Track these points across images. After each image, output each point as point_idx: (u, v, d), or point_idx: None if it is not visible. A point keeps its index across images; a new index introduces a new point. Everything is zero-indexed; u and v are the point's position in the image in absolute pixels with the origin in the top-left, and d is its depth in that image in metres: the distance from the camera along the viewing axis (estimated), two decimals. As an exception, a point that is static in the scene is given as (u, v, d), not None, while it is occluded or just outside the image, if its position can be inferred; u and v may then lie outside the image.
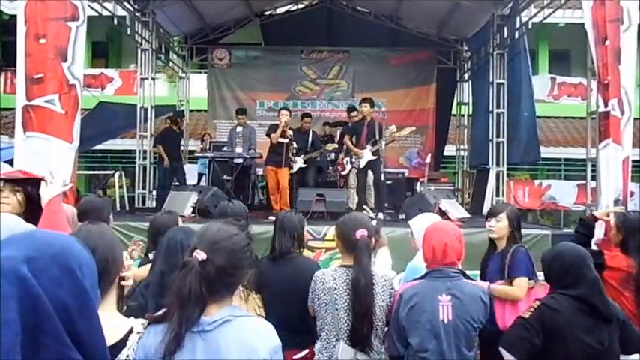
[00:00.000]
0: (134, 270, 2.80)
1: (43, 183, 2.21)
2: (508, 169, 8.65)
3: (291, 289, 2.57)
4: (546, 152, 12.55)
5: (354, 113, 7.70)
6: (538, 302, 2.18)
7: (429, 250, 2.26)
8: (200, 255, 1.32)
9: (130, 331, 1.36)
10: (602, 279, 2.85)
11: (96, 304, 0.85)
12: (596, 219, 3.27)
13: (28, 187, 2.23)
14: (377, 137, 6.52)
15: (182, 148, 9.31)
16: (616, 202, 4.57)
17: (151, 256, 2.58)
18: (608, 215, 3.31)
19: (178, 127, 8.85)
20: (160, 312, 1.36)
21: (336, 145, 8.01)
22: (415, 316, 2.14)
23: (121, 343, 1.33)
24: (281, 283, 2.61)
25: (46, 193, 2.18)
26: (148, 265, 2.57)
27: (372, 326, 2.24)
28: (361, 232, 2.30)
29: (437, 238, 2.25)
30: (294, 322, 2.50)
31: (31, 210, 2.18)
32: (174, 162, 8.43)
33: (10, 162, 4.56)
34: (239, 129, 7.77)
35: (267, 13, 10.48)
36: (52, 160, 4.15)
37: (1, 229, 1.40)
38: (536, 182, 11.77)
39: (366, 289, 2.24)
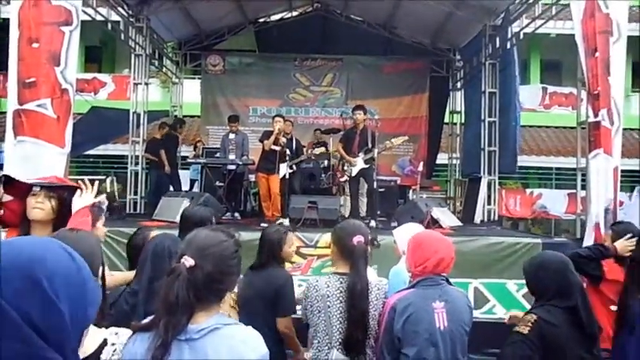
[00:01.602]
0: (116, 275, 2.80)
1: (78, 192, 2.21)
2: (499, 178, 8.71)
3: (257, 297, 2.68)
4: (537, 161, 12.68)
5: (351, 118, 7.72)
6: (534, 316, 2.14)
7: (421, 261, 2.23)
8: (188, 261, 1.31)
9: (104, 343, 1.34)
10: (599, 291, 2.86)
11: (64, 315, 0.79)
12: (617, 252, 3.02)
13: (64, 193, 2.23)
14: (369, 145, 6.54)
15: (178, 154, 9.28)
16: (606, 211, 4.61)
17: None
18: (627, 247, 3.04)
19: (179, 134, 8.84)
20: (146, 320, 1.34)
21: (323, 149, 8.01)
22: (412, 326, 2.12)
23: (94, 356, 1.30)
24: (251, 292, 2.72)
25: (79, 202, 2.18)
26: (129, 273, 2.56)
27: (366, 333, 2.24)
28: (358, 239, 2.31)
29: (432, 251, 2.22)
30: (260, 330, 2.54)
31: (63, 216, 2.18)
32: (171, 168, 8.44)
33: (0, 166, 4.53)
34: (232, 135, 7.76)
35: (262, 20, 10.52)
36: (42, 164, 4.13)
37: None
38: (528, 191, 11.85)
39: (362, 295, 2.23)
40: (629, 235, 2.97)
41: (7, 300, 0.74)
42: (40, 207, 2.18)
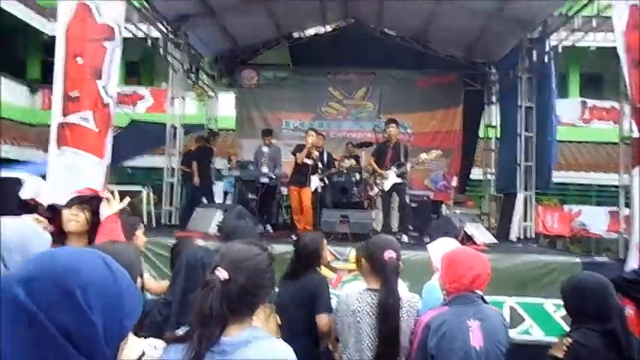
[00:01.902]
0: (151, 283, 2.85)
1: (104, 201, 2.28)
2: (536, 194, 8.47)
3: (295, 302, 2.73)
4: (576, 177, 12.29)
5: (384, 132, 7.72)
6: (570, 340, 2.08)
7: (455, 277, 2.18)
8: (222, 274, 1.32)
9: (142, 355, 1.35)
10: None
11: (97, 325, 0.80)
12: None
13: (95, 204, 2.31)
14: (402, 159, 6.49)
15: (212, 167, 9.38)
16: (651, 231, 4.42)
17: None
18: None
19: (212, 146, 8.97)
20: (180, 331, 1.35)
21: (354, 162, 7.98)
22: (447, 344, 2.07)
23: None
24: (287, 298, 2.77)
25: (106, 210, 2.25)
26: (165, 282, 2.60)
27: (398, 351, 2.19)
28: (389, 254, 2.29)
29: (467, 268, 2.17)
30: (299, 335, 2.61)
31: (96, 227, 2.25)
32: (204, 180, 8.54)
33: (43, 176, 4.71)
34: (265, 149, 7.85)
35: (296, 35, 10.66)
36: (83, 174, 4.27)
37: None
38: (566, 208, 11.47)
39: (393, 311, 2.20)
40: None
41: (42, 310, 0.76)
42: (74, 219, 2.26)
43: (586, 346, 2.03)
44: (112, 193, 2.32)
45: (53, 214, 2.31)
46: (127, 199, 2.38)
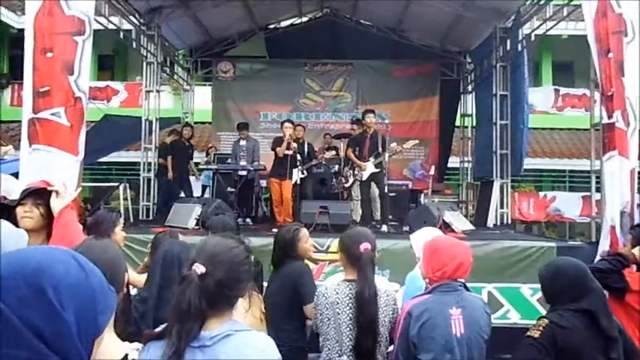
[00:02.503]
0: (135, 277, 2.81)
1: (53, 194, 2.22)
2: (512, 181, 8.62)
3: (279, 292, 2.77)
4: (551, 164, 12.54)
5: (355, 126, 7.75)
6: (546, 320, 2.13)
7: (439, 266, 2.21)
8: (199, 268, 1.31)
9: (125, 358, 1.33)
10: (625, 303, 2.79)
11: (70, 325, 0.79)
12: (636, 259, 2.92)
13: (48, 198, 2.24)
14: (380, 149, 6.52)
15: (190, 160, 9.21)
16: (622, 214, 4.54)
17: None
18: None
19: (186, 139, 8.82)
20: (158, 329, 1.34)
21: (334, 153, 8.00)
22: (428, 332, 2.11)
23: None
24: (272, 289, 2.84)
25: (57, 204, 2.18)
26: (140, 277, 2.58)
27: (376, 340, 2.23)
28: (365, 246, 2.31)
29: (450, 256, 2.21)
30: (284, 324, 2.68)
31: (51, 223, 2.19)
32: (181, 174, 8.43)
33: (15, 175, 4.59)
34: (242, 142, 7.80)
35: (272, 26, 10.58)
36: (57, 172, 4.17)
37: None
38: (541, 194, 11.71)
39: (370, 302, 2.23)
40: None
41: (12, 308, 0.75)
42: (28, 216, 2.19)
43: (561, 326, 2.08)
44: (63, 184, 2.26)
45: (5, 211, 2.22)
46: (79, 189, 2.33)
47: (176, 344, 1.25)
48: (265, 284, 3.05)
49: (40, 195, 2.25)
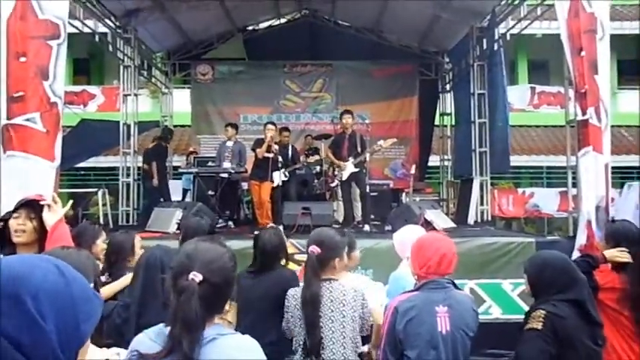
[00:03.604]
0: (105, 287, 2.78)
1: (45, 207, 2.18)
2: (491, 178, 8.75)
3: (266, 298, 2.71)
4: (529, 160, 12.76)
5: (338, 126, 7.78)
6: (542, 311, 2.17)
7: (424, 261, 2.24)
8: (197, 277, 1.31)
9: None
10: (599, 301, 2.84)
11: (49, 333, 0.78)
12: (606, 260, 2.92)
13: (41, 211, 2.21)
14: (359, 149, 6.56)
15: (167, 164, 9.21)
16: (598, 209, 4.65)
17: (103, 278, 2.56)
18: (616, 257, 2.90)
19: (167, 144, 8.76)
20: (158, 350, 1.29)
21: (318, 157, 8.01)
22: (414, 328, 2.13)
23: None
24: (257, 294, 2.73)
25: (49, 218, 2.15)
26: (120, 281, 2.56)
27: (320, 339, 2.33)
28: (312, 248, 2.42)
29: (434, 250, 2.24)
30: (264, 332, 2.56)
31: (45, 235, 2.16)
32: (161, 179, 8.37)
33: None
34: (229, 143, 7.67)
35: (250, 27, 10.54)
36: (32, 178, 4.09)
37: None
38: (520, 190, 11.92)
39: (311, 301, 2.34)
40: (621, 248, 2.89)
41: None
42: (22, 229, 2.17)
43: (558, 315, 2.13)
44: (53, 199, 2.22)
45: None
46: (70, 203, 2.30)
47: (189, 354, 1.24)
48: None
49: (33, 207, 2.23)
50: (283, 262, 2.98)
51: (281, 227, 5.83)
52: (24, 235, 2.16)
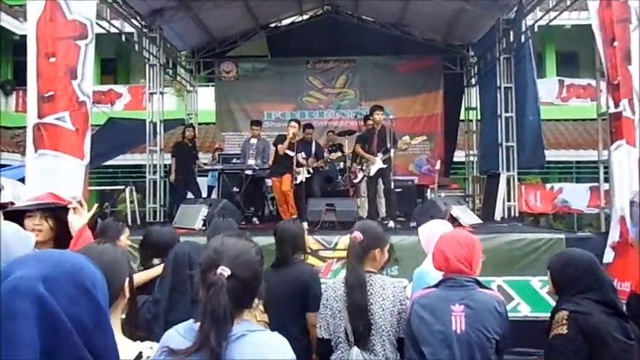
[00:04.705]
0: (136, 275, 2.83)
1: (71, 210, 2.21)
2: (519, 174, 8.57)
3: (287, 293, 2.68)
4: (557, 155, 12.46)
5: (365, 122, 7.72)
6: (564, 312, 2.11)
7: (433, 257, 2.26)
8: (225, 272, 1.30)
9: (139, 356, 1.34)
10: None
11: (109, 319, 0.87)
12: None
13: (59, 210, 2.24)
14: (388, 145, 6.51)
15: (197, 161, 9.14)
16: (632, 204, 4.50)
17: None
18: None
19: (190, 140, 8.81)
20: (190, 345, 1.30)
21: (340, 154, 7.98)
22: (427, 325, 2.10)
23: None
24: (278, 289, 2.68)
25: (76, 220, 2.18)
26: (151, 271, 2.60)
27: (369, 325, 2.25)
28: (354, 234, 2.36)
29: (437, 246, 2.23)
30: (289, 326, 2.55)
31: (61, 234, 2.19)
32: (187, 175, 8.43)
33: (22, 180, 4.61)
34: (253, 140, 7.73)
35: (273, 24, 10.56)
36: (62, 176, 4.19)
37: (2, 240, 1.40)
38: (548, 186, 11.64)
39: (355, 287, 2.28)
40: None
41: (61, 306, 0.78)
42: (38, 228, 2.19)
43: (582, 312, 2.08)
44: (80, 202, 2.25)
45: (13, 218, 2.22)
46: (95, 206, 2.33)
47: (216, 350, 1.24)
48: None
49: (49, 209, 2.25)
50: (302, 256, 2.97)
51: (305, 224, 5.86)
52: (40, 234, 2.18)
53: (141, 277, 2.64)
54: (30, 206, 2.25)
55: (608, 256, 4.51)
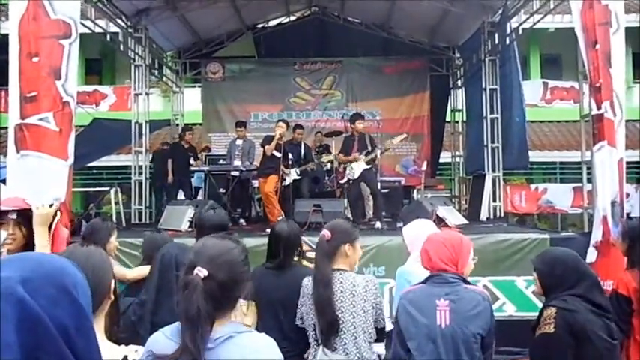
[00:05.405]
0: (126, 271, 2.81)
1: (34, 216, 2.19)
2: (504, 174, 8.67)
3: (287, 297, 2.62)
4: (541, 156, 12.63)
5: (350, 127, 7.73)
6: (552, 309, 2.15)
7: (421, 256, 2.31)
8: (202, 272, 1.30)
9: (125, 359, 1.32)
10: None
11: (92, 322, 0.84)
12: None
13: (29, 216, 2.23)
14: (369, 148, 6.53)
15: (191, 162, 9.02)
16: (613, 204, 4.58)
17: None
18: None
19: (187, 143, 8.76)
20: (176, 349, 1.28)
21: (332, 157, 8.00)
22: (413, 319, 2.14)
23: None
24: (277, 292, 2.64)
25: (41, 219, 2.15)
26: (143, 268, 2.58)
27: (336, 323, 2.28)
28: (322, 232, 2.41)
29: (424, 246, 2.28)
30: (288, 330, 2.55)
31: (32, 242, 2.17)
32: (182, 177, 8.38)
33: (3, 181, 4.54)
34: (239, 142, 7.71)
35: (260, 25, 10.54)
36: (46, 178, 4.13)
37: None
38: (533, 186, 11.78)
39: (319, 284, 2.31)
40: None
41: (42, 308, 0.76)
42: (12, 238, 2.18)
43: (569, 309, 2.11)
44: (40, 206, 2.23)
45: None
46: (56, 205, 2.31)
47: (192, 349, 1.23)
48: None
49: (19, 212, 2.23)
50: (296, 258, 2.95)
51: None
52: (14, 243, 2.17)
53: (134, 273, 2.63)
54: (8, 210, 2.22)
55: (591, 255, 4.58)
